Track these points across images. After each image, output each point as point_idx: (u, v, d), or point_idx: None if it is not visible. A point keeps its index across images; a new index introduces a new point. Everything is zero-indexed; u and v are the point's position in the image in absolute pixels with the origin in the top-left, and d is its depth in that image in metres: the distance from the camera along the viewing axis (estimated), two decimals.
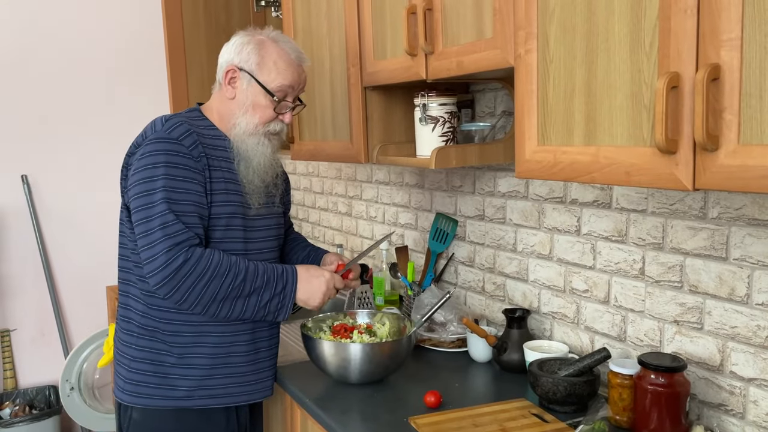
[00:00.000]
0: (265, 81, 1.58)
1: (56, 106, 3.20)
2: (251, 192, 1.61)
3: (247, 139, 1.60)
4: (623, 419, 1.40)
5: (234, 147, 1.60)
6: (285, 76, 1.59)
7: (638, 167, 1.05)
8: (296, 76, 1.61)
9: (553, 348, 1.68)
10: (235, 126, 1.60)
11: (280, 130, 1.64)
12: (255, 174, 1.60)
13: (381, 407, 1.54)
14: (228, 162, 1.58)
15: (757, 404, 1.29)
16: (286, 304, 1.57)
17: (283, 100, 1.61)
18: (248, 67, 1.59)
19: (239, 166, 1.59)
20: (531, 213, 1.82)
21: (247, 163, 1.60)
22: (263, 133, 1.61)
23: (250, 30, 1.65)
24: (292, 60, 1.61)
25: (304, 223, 3.25)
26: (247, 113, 1.59)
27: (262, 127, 1.60)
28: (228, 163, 1.58)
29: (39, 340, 3.24)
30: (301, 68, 1.64)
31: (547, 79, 1.21)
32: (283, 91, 1.60)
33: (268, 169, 1.64)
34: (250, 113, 1.59)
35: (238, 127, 1.60)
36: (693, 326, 1.41)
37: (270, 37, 1.62)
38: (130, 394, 1.59)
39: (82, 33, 3.21)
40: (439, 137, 1.72)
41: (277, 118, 1.62)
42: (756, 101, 0.88)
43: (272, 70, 1.58)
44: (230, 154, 1.59)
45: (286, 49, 1.61)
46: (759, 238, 1.27)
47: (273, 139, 1.64)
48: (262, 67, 1.58)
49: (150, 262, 1.46)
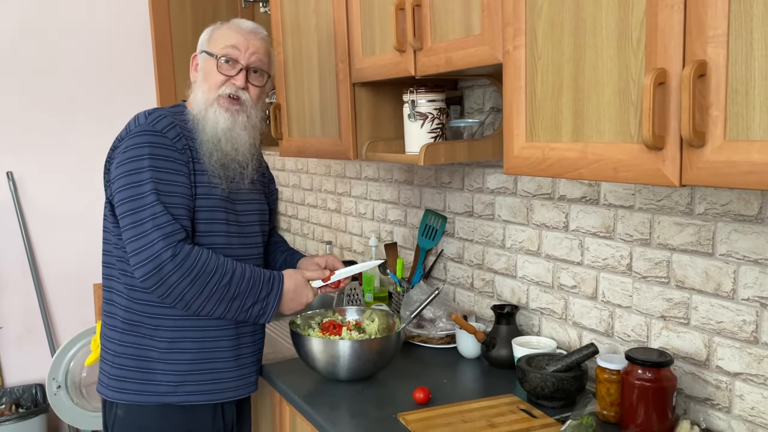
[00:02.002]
0: (211, 48, 1.62)
1: (42, 103, 3.17)
2: (212, 170, 1.56)
3: (205, 113, 1.59)
4: (611, 414, 1.41)
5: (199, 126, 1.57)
6: (227, 38, 1.61)
7: (625, 163, 1.06)
8: (242, 38, 1.61)
9: (542, 344, 1.68)
10: (196, 102, 1.62)
11: (233, 93, 1.59)
12: (212, 144, 1.56)
13: (370, 404, 1.54)
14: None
15: (742, 398, 1.31)
16: (268, 311, 1.57)
17: (231, 60, 1.59)
18: (202, 47, 1.65)
19: (201, 146, 1.56)
20: (519, 209, 1.83)
21: (203, 134, 1.57)
22: (215, 98, 1.59)
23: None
24: (240, 28, 1.64)
25: (293, 220, 3.24)
26: (202, 84, 1.62)
27: (214, 92, 1.59)
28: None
29: (25, 338, 3.21)
30: (252, 35, 1.63)
31: (536, 76, 1.22)
32: (226, 52, 1.60)
33: (227, 139, 1.57)
34: (202, 82, 1.62)
35: (196, 102, 1.61)
36: (680, 321, 1.42)
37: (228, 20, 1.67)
38: (114, 390, 1.59)
39: (69, 29, 3.18)
40: (427, 133, 1.72)
41: (227, 81, 1.60)
42: (742, 97, 0.88)
43: (219, 38, 1.63)
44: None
45: (236, 21, 1.66)
46: (745, 233, 1.28)
47: (231, 108, 1.59)
48: (211, 40, 1.64)
49: (137, 253, 1.45)
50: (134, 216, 1.46)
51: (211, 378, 1.60)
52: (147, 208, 1.45)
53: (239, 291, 1.52)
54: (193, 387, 1.58)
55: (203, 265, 1.47)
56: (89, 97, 3.25)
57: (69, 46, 3.19)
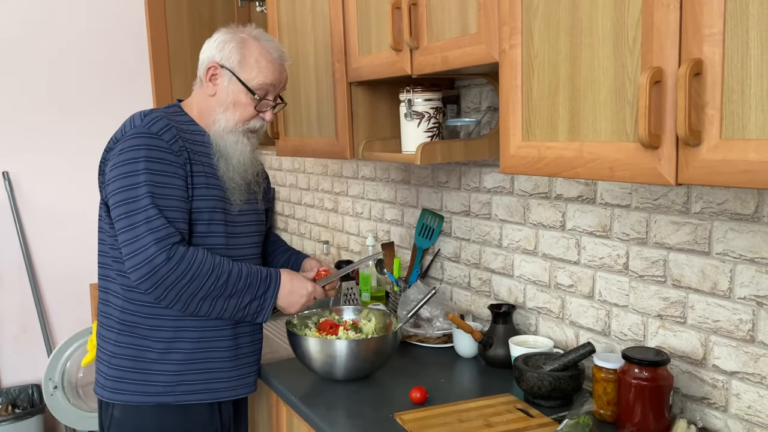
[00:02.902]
0: (246, 79, 1.58)
1: (38, 103, 3.16)
2: (232, 189, 1.60)
3: (226, 137, 1.59)
4: (607, 413, 1.41)
5: (214, 144, 1.59)
6: (266, 75, 1.59)
7: (622, 162, 1.06)
8: (277, 74, 1.61)
9: (539, 343, 1.68)
10: (215, 123, 1.60)
11: (259, 127, 1.64)
12: (235, 171, 1.60)
13: (367, 403, 1.54)
14: (208, 157, 1.58)
15: (739, 397, 1.31)
16: (265, 308, 1.57)
17: (264, 99, 1.61)
18: (229, 64, 1.59)
19: (219, 163, 1.59)
20: (516, 208, 1.83)
21: (227, 160, 1.59)
22: (242, 131, 1.61)
23: (232, 27, 1.64)
24: (273, 59, 1.61)
25: (290, 219, 3.23)
26: (227, 111, 1.59)
27: (242, 124, 1.60)
28: (209, 158, 1.58)
29: (21, 338, 3.20)
30: (283, 67, 1.64)
31: (532, 75, 1.21)
32: (264, 90, 1.60)
33: (248, 167, 1.63)
34: (231, 111, 1.59)
35: (217, 123, 1.60)
36: (676, 320, 1.42)
37: (252, 35, 1.62)
38: (110, 390, 1.58)
39: (65, 29, 3.17)
40: (424, 133, 1.72)
41: (257, 116, 1.62)
42: (738, 96, 0.88)
43: (253, 68, 1.58)
44: (211, 149, 1.59)
45: (267, 47, 1.61)
46: (741, 232, 1.28)
47: (252, 137, 1.64)
48: (243, 64, 1.58)
49: (132, 257, 1.45)
50: (129, 219, 1.46)
51: (207, 378, 1.60)
52: (141, 211, 1.45)
53: (236, 289, 1.52)
54: (190, 387, 1.58)
55: (199, 266, 1.47)
56: (85, 97, 3.24)
57: (65, 47, 3.18)
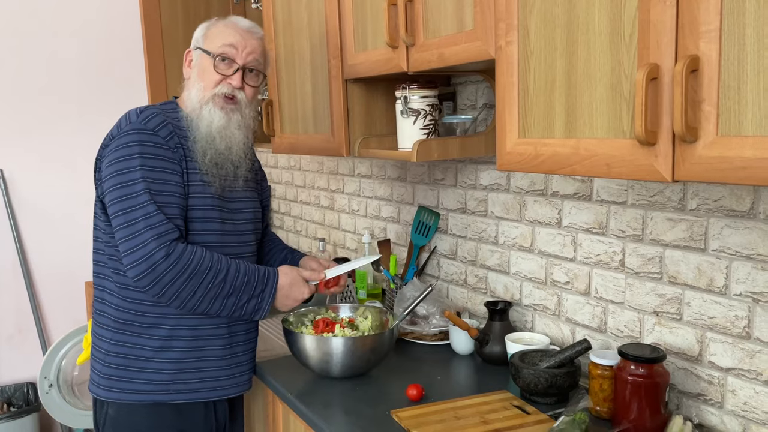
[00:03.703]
0: (208, 46, 1.60)
1: (33, 101, 3.14)
2: (206, 168, 1.55)
3: (199, 111, 1.58)
4: (603, 410, 1.41)
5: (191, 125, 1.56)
6: (225, 36, 1.59)
7: (618, 159, 1.06)
8: (239, 37, 1.59)
9: (535, 340, 1.68)
10: (189, 100, 1.60)
11: (229, 93, 1.58)
12: (206, 143, 1.55)
13: (363, 401, 1.54)
14: None
15: (735, 393, 1.31)
16: (263, 306, 1.57)
17: (228, 59, 1.58)
18: (197, 43, 1.63)
19: (194, 144, 1.55)
20: (512, 206, 1.83)
21: (197, 134, 1.56)
22: (211, 97, 1.58)
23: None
24: (239, 27, 1.62)
25: (286, 217, 3.23)
26: (197, 82, 1.60)
27: (210, 92, 1.58)
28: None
29: (16, 337, 3.19)
30: (249, 34, 1.62)
31: (528, 72, 1.21)
32: (224, 52, 1.58)
33: (221, 138, 1.57)
34: (197, 80, 1.60)
35: (190, 100, 1.60)
36: (672, 317, 1.42)
37: (224, 17, 1.65)
38: (105, 389, 1.58)
39: (59, 26, 3.15)
40: (420, 130, 1.71)
41: (223, 80, 1.59)
42: (734, 92, 0.88)
43: (216, 36, 1.61)
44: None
45: (235, 20, 1.64)
46: (737, 229, 1.28)
47: (226, 107, 1.58)
48: (207, 37, 1.62)
49: (130, 253, 1.44)
50: (126, 216, 1.45)
51: (202, 377, 1.59)
52: (139, 207, 1.45)
53: (234, 287, 1.52)
54: (185, 385, 1.58)
55: (197, 264, 1.46)
56: (80, 95, 3.23)
57: (59, 44, 3.16)
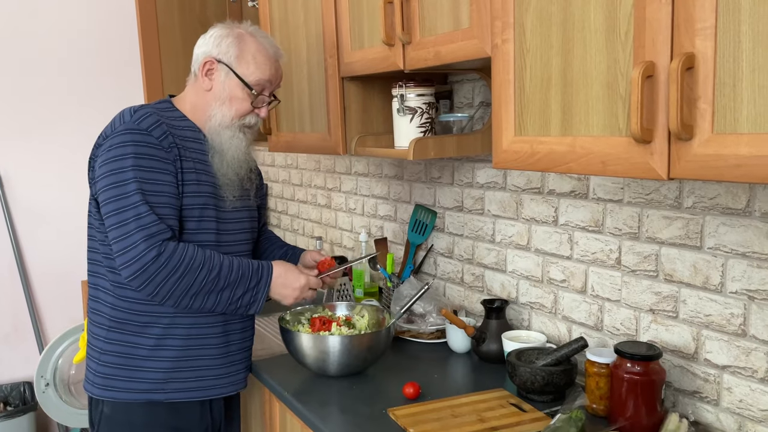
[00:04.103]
0: (243, 74, 1.58)
1: (29, 102, 3.13)
2: (225, 185, 1.60)
3: (222, 132, 1.60)
4: (600, 408, 1.41)
5: (209, 140, 1.60)
6: (263, 71, 1.60)
7: (614, 157, 1.06)
8: (273, 71, 1.62)
9: (531, 338, 1.68)
10: (211, 118, 1.60)
11: (254, 123, 1.65)
12: (229, 167, 1.60)
13: (360, 399, 1.54)
14: (200, 153, 1.57)
15: (731, 391, 1.31)
16: (258, 299, 1.56)
17: (261, 94, 1.61)
18: (227, 59, 1.59)
19: (213, 159, 1.59)
20: (509, 204, 1.83)
21: (222, 156, 1.59)
22: (238, 126, 1.61)
23: (228, 23, 1.65)
24: (270, 55, 1.62)
25: (283, 215, 3.22)
26: (223, 105, 1.59)
27: (237, 120, 1.61)
28: (200, 155, 1.57)
29: (12, 336, 3.18)
30: (278, 63, 1.65)
31: (524, 69, 1.21)
32: (261, 85, 1.60)
33: (243, 163, 1.63)
34: (227, 106, 1.59)
35: (213, 119, 1.60)
36: (668, 315, 1.42)
37: (249, 31, 1.63)
38: (100, 388, 1.58)
39: (54, 26, 3.14)
40: (417, 128, 1.71)
41: (252, 111, 1.62)
42: (729, 90, 0.88)
43: (251, 63, 1.59)
44: (203, 145, 1.59)
45: (264, 44, 1.62)
46: (733, 227, 1.28)
47: (247, 133, 1.64)
48: (240, 60, 1.59)
49: (122, 254, 1.44)
50: (119, 216, 1.45)
51: (198, 375, 1.59)
52: (131, 208, 1.44)
53: (228, 282, 1.51)
54: (180, 384, 1.57)
55: (190, 261, 1.46)
56: (76, 94, 3.22)
57: (54, 43, 3.15)
